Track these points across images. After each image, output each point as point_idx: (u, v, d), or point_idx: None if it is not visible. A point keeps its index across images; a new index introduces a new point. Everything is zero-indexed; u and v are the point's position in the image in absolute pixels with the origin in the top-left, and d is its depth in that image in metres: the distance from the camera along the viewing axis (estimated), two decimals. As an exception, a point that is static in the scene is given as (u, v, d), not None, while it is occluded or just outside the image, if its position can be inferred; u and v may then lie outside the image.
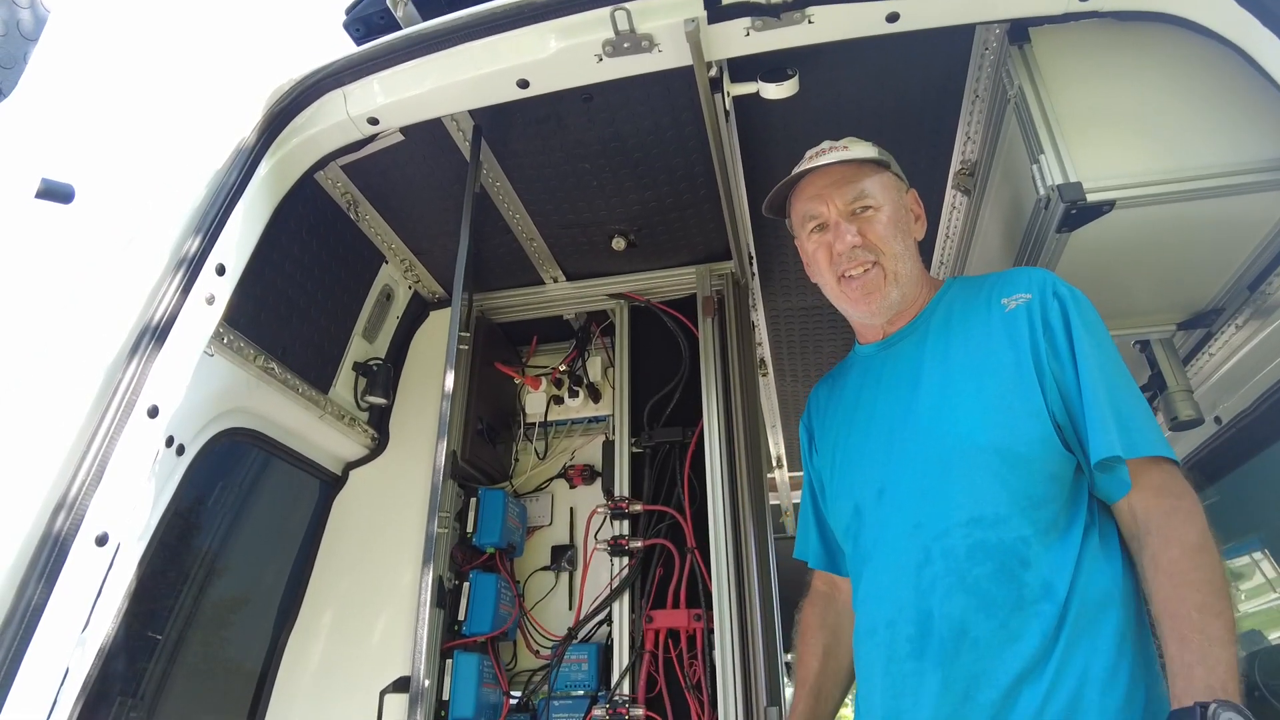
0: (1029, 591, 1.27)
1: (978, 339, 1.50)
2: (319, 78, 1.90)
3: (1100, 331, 1.43)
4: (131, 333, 1.56)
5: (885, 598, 1.43)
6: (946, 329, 1.57)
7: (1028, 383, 1.39)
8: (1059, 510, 1.33)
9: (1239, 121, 1.63)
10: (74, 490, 1.39)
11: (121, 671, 1.80)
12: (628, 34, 1.69)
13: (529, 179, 2.40)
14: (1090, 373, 1.35)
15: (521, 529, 2.63)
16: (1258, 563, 2.79)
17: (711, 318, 2.62)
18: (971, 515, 1.34)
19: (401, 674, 2.33)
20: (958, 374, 1.48)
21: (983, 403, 1.41)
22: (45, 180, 1.40)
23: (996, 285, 1.56)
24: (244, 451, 2.29)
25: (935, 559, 1.35)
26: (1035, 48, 1.80)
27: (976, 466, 1.37)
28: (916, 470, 1.45)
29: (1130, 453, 1.28)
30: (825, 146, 1.72)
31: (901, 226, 1.65)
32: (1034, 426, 1.36)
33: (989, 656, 1.26)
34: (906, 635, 1.35)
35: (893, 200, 1.66)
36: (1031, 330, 1.43)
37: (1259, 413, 2.21)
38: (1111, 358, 1.40)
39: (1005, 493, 1.33)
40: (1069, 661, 1.22)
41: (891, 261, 1.61)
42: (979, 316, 1.53)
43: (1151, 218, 1.70)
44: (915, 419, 1.50)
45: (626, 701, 2.17)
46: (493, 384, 2.79)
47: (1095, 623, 1.25)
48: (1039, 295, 1.47)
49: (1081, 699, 1.20)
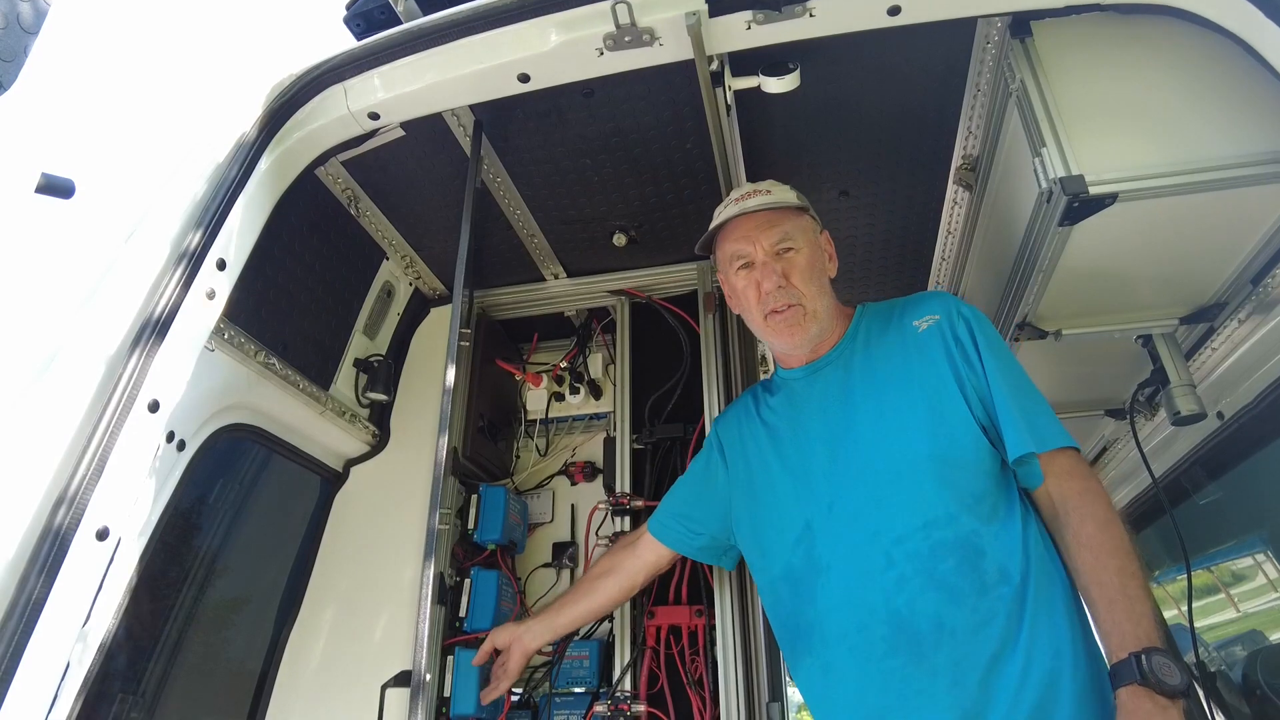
0: (989, 577, 1.42)
1: (899, 358, 1.68)
2: (320, 72, 1.90)
3: (1000, 343, 1.65)
4: (132, 327, 1.56)
5: (854, 603, 1.52)
6: (868, 352, 1.75)
7: (952, 393, 1.58)
8: (996, 501, 1.50)
9: (1241, 113, 1.63)
10: (74, 484, 1.38)
11: (122, 667, 1.80)
12: (629, 27, 1.69)
13: (530, 174, 2.40)
14: (999, 381, 1.55)
15: (523, 526, 2.63)
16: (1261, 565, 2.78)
17: (713, 314, 2.61)
18: (926, 519, 1.50)
19: (403, 669, 2.33)
20: (888, 391, 1.65)
21: (917, 416, 1.58)
22: (45, 175, 1.40)
23: (905, 309, 1.76)
24: (245, 448, 2.28)
25: (899, 561, 1.48)
26: (1037, 41, 1.80)
27: (922, 474, 1.52)
28: (866, 482, 1.58)
29: (1041, 447, 1.49)
30: (749, 190, 1.87)
31: (818, 268, 1.82)
32: (965, 431, 1.54)
33: (966, 642, 1.38)
34: (881, 636, 1.46)
35: (810, 243, 1.83)
36: (945, 346, 1.63)
37: (1261, 408, 2.20)
38: (1013, 365, 1.61)
39: (951, 493, 1.49)
40: (1035, 639, 1.36)
41: (811, 300, 1.77)
42: (894, 339, 1.72)
43: (1154, 211, 1.70)
44: (855, 435, 1.65)
45: (628, 698, 2.17)
46: (494, 381, 2.79)
47: (1050, 601, 1.40)
48: (945, 315, 1.67)
49: (1055, 669, 1.34)
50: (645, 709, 2.16)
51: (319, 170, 2.16)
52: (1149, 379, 2.18)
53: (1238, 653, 2.94)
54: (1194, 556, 2.42)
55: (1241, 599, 2.92)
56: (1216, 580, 3.01)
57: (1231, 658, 2.95)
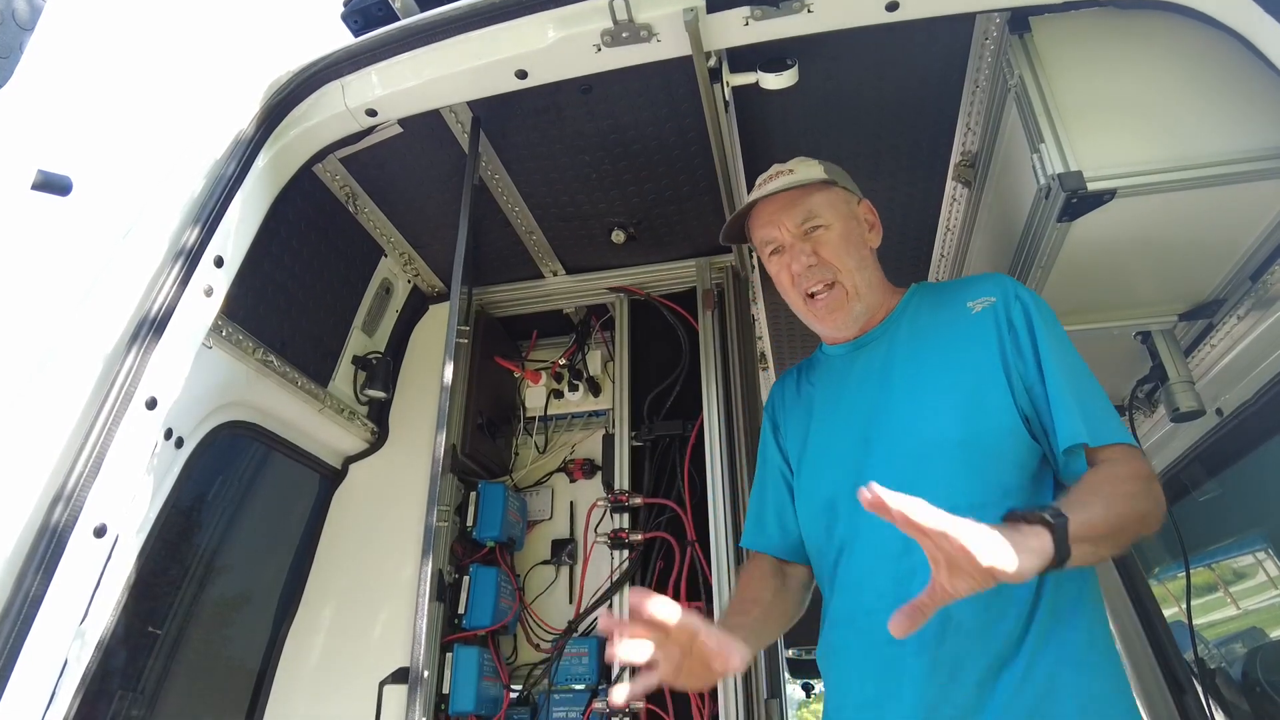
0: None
1: (947, 340, 1.58)
2: (317, 69, 1.89)
3: (1060, 331, 1.54)
4: (130, 324, 1.56)
5: (865, 586, 1.48)
6: (915, 332, 1.65)
7: (995, 379, 1.48)
8: (1026, 499, 1.40)
9: (1241, 109, 1.62)
10: (72, 482, 1.38)
11: (121, 664, 1.80)
12: (626, 24, 1.68)
13: (528, 171, 2.40)
14: (1054, 369, 1.44)
15: (522, 523, 2.63)
16: (1261, 562, 2.78)
17: (711, 311, 2.61)
18: (949, 506, 1.35)
19: (401, 666, 2.33)
20: (929, 374, 1.56)
21: (954, 400, 1.49)
22: (42, 172, 1.39)
23: (961, 290, 1.66)
24: (243, 445, 2.28)
25: (914, 550, 1.35)
26: (1036, 37, 1.79)
27: (951, 460, 1.44)
28: (894, 465, 1.51)
29: (1096, 440, 1.37)
30: (774, 171, 1.77)
31: (854, 240, 1.71)
32: (1003, 420, 1.44)
33: (973, 639, 1.33)
34: (884, 622, 1.36)
35: (842, 215, 1.72)
36: (998, 330, 1.53)
37: (1260, 404, 2.20)
38: (1072, 354, 1.50)
39: (979, 483, 1.41)
40: (1044, 648, 1.30)
41: (849, 276, 1.68)
42: (946, 319, 1.62)
43: (1153, 207, 1.69)
44: (889, 417, 1.57)
45: (627, 694, 2.17)
46: (492, 378, 2.79)
47: (1071, 613, 1.33)
48: (1002, 298, 1.57)
49: (1059, 679, 1.28)
50: (644, 705, 2.16)
51: (317, 167, 2.16)
52: (1148, 375, 2.17)
53: (1237, 650, 2.94)
54: (1193, 554, 2.41)
55: (1241, 596, 2.91)
56: (1216, 578, 3.00)
57: (1231, 655, 2.95)
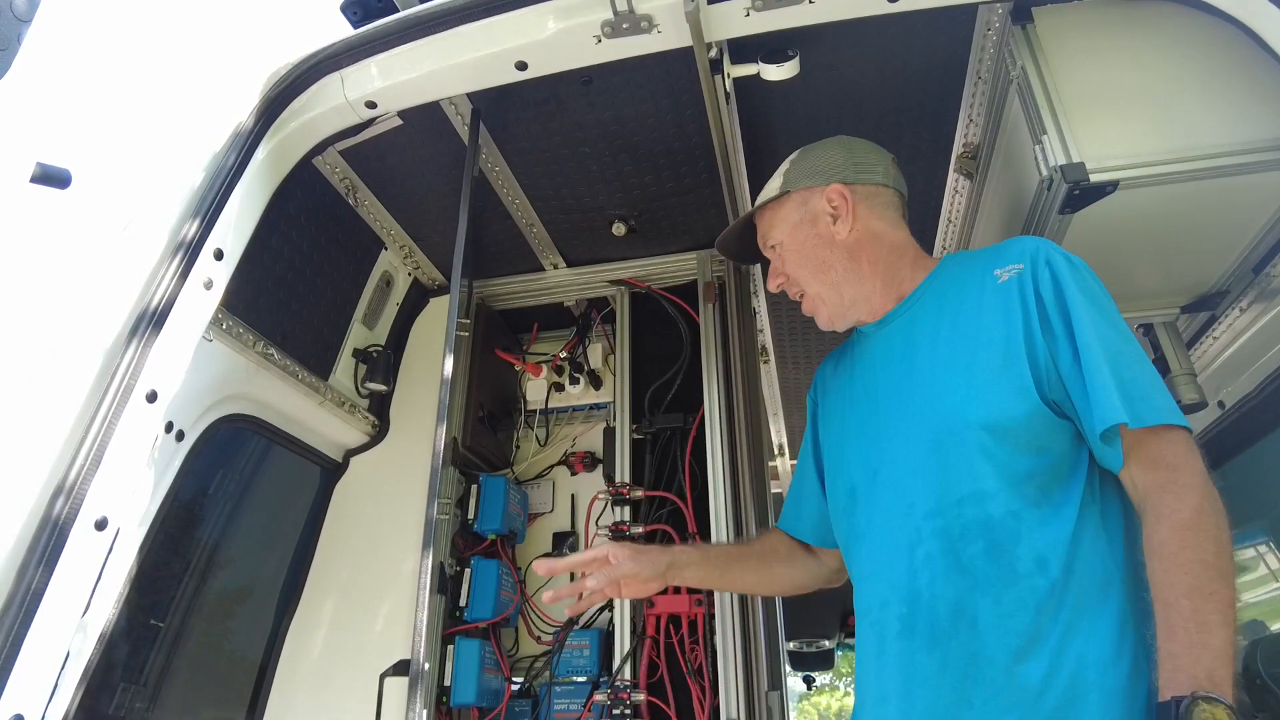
0: (1021, 565, 1.24)
1: (968, 314, 1.46)
2: (316, 61, 1.88)
3: (1099, 297, 1.37)
4: (130, 317, 1.56)
5: (880, 577, 1.43)
6: (938, 306, 1.54)
7: (1016, 357, 1.35)
8: (1048, 484, 1.30)
9: (1245, 100, 1.61)
10: (73, 474, 1.38)
11: (123, 657, 1.81)
12: (626, 14, 1.67)
13: (528, 163, 2.39)
14: (1089, 342, 1.29)
15: (523, 516, 2.63)
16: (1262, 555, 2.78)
17: (713, 304, 2.61)
18: (963, 493, 1.32)
19: (402, 658, 2.34)
20: (947, 352, 1.45)
21: (971, 379, 1.38)
22: (41, 164, 1.39)
23: (990, 257, 1.51)
24: (244, 438, 2.28)
25: (927, 538, 1.34)
26: (1038, 27, 1.78)
27: (967, 444, 1.34)
28: (910, 450, 1.43)
29: (1137, 422, 1.22)
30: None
31: (807, 248, 1.67)
32: (1021, 402, 1.32)
33: (987, 634, 1.24)
34: (898, 614, 1.35)
35: (791, 227, 1.70)
36: (1024, 301, 1.38)
37: (1263, 397, 2.20)
38: (1112, 323, 1.33)
39: (993, 467, 1.31)
40: (1068, 642, 1.20)
41: (809, 285, 1.68)
42: (971, 291, 1.49)
43: (1155, 198, 1.68)
44: (908, 399, 1.48)
45: (628, 687, 2.18)
46: (493, 371, 2.79)
47: (1097, 604, 1.22)
48: (1030, 265, 1.42)
49: (1082, 678, 1.17)
50: (645, 698, 2.17)
51: (316, 160, 2.15)
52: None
53: (1238, 642, 2.95)
54: (1194, 546, 2.41)
55: (1242, 589, 2.92)
56: (1217, 570, 3.00)
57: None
